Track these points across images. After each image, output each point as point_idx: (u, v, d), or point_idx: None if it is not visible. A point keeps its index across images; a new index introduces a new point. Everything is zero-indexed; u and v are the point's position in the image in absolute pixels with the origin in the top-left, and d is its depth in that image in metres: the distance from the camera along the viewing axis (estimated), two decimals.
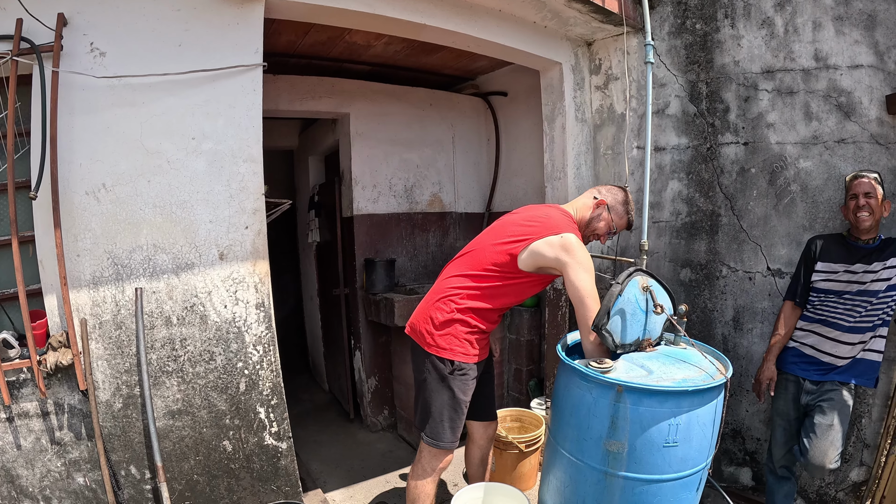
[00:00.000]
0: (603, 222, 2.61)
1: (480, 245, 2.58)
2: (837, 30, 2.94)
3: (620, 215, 2.63)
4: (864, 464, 2.93)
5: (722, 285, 3.38)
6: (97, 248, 2.24)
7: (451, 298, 2.50)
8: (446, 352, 2.47)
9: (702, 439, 2.07)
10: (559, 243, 2.34)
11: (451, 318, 2.47)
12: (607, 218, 2.61)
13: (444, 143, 4.97)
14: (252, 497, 2.65)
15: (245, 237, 2.53)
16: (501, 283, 2.47)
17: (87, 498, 2.29)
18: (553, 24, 3.55)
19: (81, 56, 2.16)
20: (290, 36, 3.59)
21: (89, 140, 2.20)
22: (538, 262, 2.39)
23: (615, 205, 2.62)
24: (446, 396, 2.49)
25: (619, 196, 2.64)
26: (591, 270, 2.32)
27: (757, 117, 3.20)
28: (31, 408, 2.18)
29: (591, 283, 2.28)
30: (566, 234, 2.37)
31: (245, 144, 2.50)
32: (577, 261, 2.29)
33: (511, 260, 2.42)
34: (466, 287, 2.49)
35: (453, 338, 2.47)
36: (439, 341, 2.48)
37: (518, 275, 2.45)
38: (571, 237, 2.35)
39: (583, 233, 2.61)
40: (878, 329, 2.59)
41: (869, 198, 2.52)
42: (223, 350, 2.52)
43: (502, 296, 2.50)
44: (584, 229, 2.61)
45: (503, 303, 2.53)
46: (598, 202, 2.61)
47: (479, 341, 2.54)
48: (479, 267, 2.50)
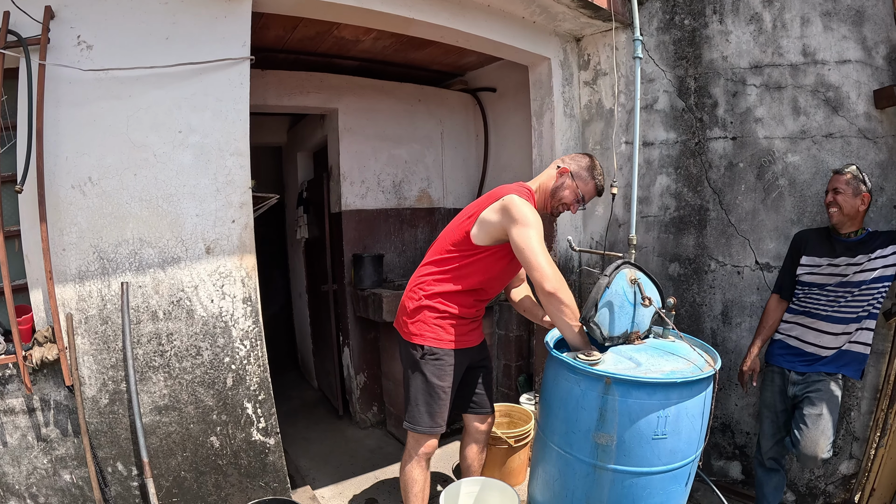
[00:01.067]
0: (568, 190, 2.54)
1: (446, 229, 2.62)
2: (825, 25, 2.95)
3: (586, 181, 2.55)
4: (853, 457, 2.96)
5: (710, 279, 3.39)
6: (83, 243, 2.23)
7: (419, 286, 2.54)
8: (416, 337, 2.50)
9: (691, 432, 2.08)
10: (499, 206, 2.33)
11: (420, 304, 2.51)
12: (572, 185, 2.53)
13: (432, 139, 4.97)
14: (240, 493, 2.64)
15: (232, 231, 2.52)
16: (462, 262, 2.47)
17: (73, 495, 2.27)
18: (542, 19, 3.55)
19: (68, 49, 2.15)
20: (279, 31, 3.57)
21: (76, 133, 2.18)
22: (489, 232, 2.38)
23: (579, 171, 2.55)
24: (420, 381, 2.52)
25: (583, 162, 2.57)
26: (537, 226, 2.26)
27: (745, 112, 3.22)
28: (16, 404, 2.16)
29: (537, 240, 2.22)
30: (510, 195, 2.34)
31: (232, 138, 2.49)
32: (518, 218, 2.25)
33: (466, 237, 2.44)
34: (431, 273, 2.54)
35: (423, 323, 2.50)
36: (411, 328, 2.53)
37: (476, 250, 2.44)
38: (513, 197, 2.32)
39: (550, 204, 2.58)
40: (865, 321, 2.61)
41: (837, 194, 2.57)
42: (210, 345, 2.51)
43: (468, 275, 2.48)
44: (550, 200, 2.57)
45: (471, 283, 2.49)
46: (561, 170, 2.55)
47: (456, 326, 2.53)
48: (440, 251, 2.54)
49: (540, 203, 2.58)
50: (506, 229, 2.29)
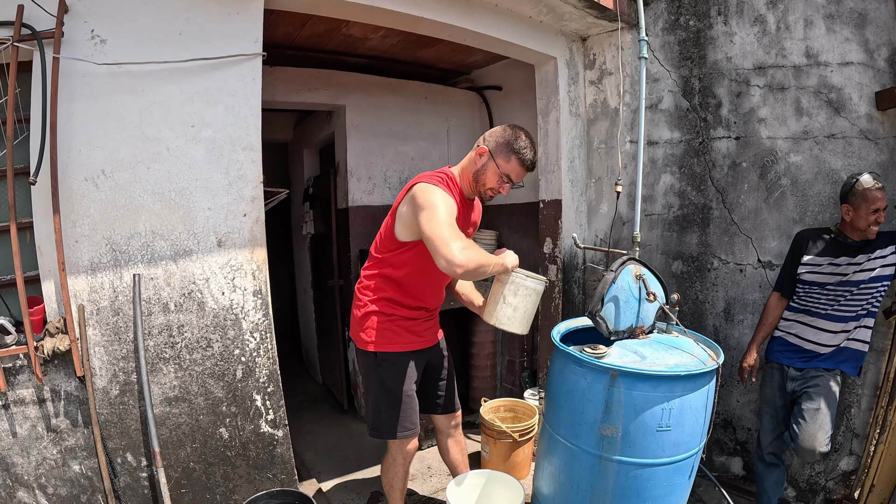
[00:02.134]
0: (490, 172, 2.29)
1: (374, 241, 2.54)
2: (828, 28, 2.98)
3: (507, 158, 2.27)
4: (853, 453, 2.99)
5: (713, 277, 3.42)
6: (95, 235, 2.24)
7: (362, 291, 2.51)
8: (370, 345, 2.45)
9: (694, 424, 2.11)
10: (409, 195, 2.21)
11: (367, 311, 2.46)
12: (492, 167, 2.28)
13: (438, 136, 4.99)
14: (248, 485, 2.66)
15: (243, 224, 2.55)
16: (392, 261, 2.39)
17: (82, 486, 2.29)
18: (548, 19, 3.58)
19: (82, 43, 2.16)
20: (288, 28, 3.59)
21: (89, 126, 2.20)
22: (406, 226, 2.26)
23: (497, 148, 2.28)
24: (379, 388, 2.48)
25: (502, 137, 2.29)
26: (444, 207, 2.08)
27: (748, 112, 3.25)
28: (27, 394, 2.17)
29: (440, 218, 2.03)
30: (417, 183, 2.21)
31: (244, 133, 2.51)
32: (421, 203, 2.10)
33: (390, 234, 2.36)
34: (369, 276, 2.49)
35: (372, 330, 2.45)
36: (363, 336, 2.48)
37: (402, 247, 2.34)
38: (421, 184, 2.18)
39: (477, 189, 2.38)
40: (863, 319, 2.64)
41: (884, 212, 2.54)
42: (220, 337, 2.53)
43: (401, 275, 2.39)
44: (475, 185, 2.37)
45: (406, 282, 2.41)
46: (479, 151, 2.31)
47: (407, 328, 2.48)
48: (374, 252, 2.49)
49: (466, 189, 2.41)
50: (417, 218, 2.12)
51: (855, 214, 2.57)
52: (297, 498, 2.59)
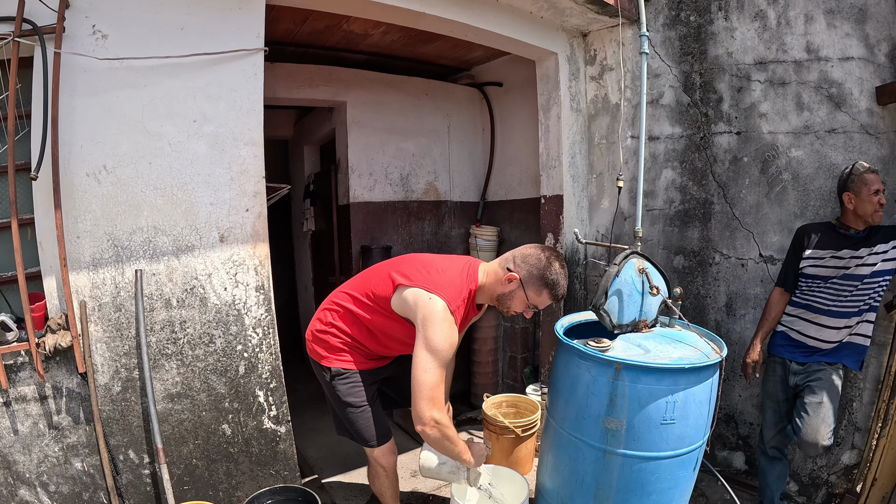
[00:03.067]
0: (517, 300, 2.20)
1: (375, 271, 2.42)
2: (829, 23, 2.98)
3: (538, 291, 2.16)
4: (855, 447, 2.99)
5: (715, 272, 3.42)
6: (97, 230, 2.24)
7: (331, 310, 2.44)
8: (324, 359, 2.42)
9: (698, 417, 2.11)
10: (424, 305, 2.07)
11: (326, 330, 2.41)
12: (521, 296, 2.18)
13: (439, 133, 4.99)
14: (251, 481, 2.66)
15: (245, 220, 2.54)
16: (371, 313, 2.30)
17: (84, 483, 2.29)
18: (549, 14, 3.57)
19: (83, 38, 2.16)
20: (289, 24, 3.59)
21: (90, 122, 2.20)
22: (403, 310, 2.18)
23: (530, 279, 2.15)
24: (336, 401, 2.45)
25: (537, 265, 2.15)
26: (441, 351, 2.03)
27: (749, 107, 3.24)
28: (28, 391, 2.17)
29: (433, 371, 2.02)
30: (437, 297, 2.07)
31: (246, 128, 2.51)
32: (430, 339, 2.02)
33: (387, 299, 2.23)
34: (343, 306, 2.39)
35: (329, 346, 2.41)
36: (318, 349, 2.44)
37: (394, 316, 2.24)
38: (438, 306, 2.05)
39: (499, 307, 2.30)
40: (865, 314, 2.65)
41: (883, 194, 2.56)
42: (223, 333, 2.53)
43: (372, 327, 2.33)
44: (498, 304, 2.29)
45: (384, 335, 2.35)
46: (509, 276, 2.17)
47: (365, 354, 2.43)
48: (362, 290, 2.35)
49: (484, 299, 2.33)
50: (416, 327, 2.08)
51: (857, 200, 2.59)
52: (300, 494, 2.59)
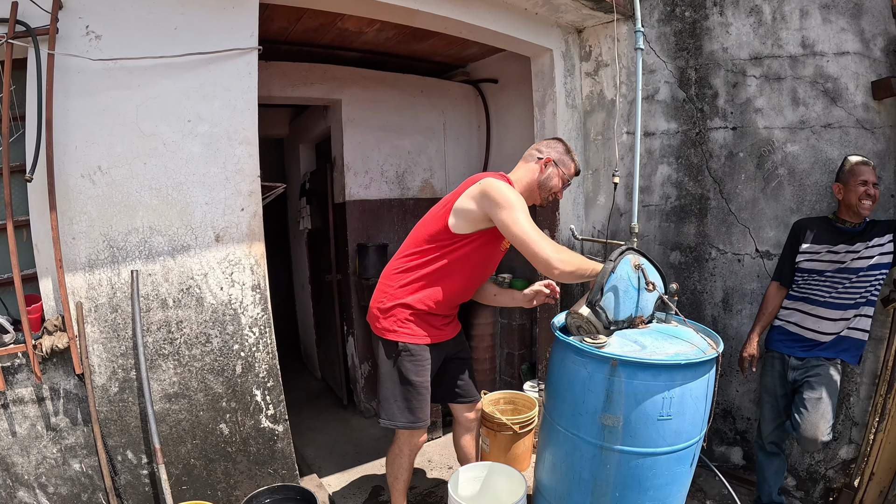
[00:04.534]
0: (556, 178, 2.55)
1: (420, 222, 2.57)
2: (824, 17, 2.99)
3: (567, 165, 2.58)
4: (852, 441, 3.00)
5: (711, 267, 3.43)
6: (93, 231, 2.23)
7: (394, 281, 2.51)
8: (391, 333, 2.47)
9: (695, 413, 2.11)
10: (478, 190, 2.30)
11: (395, 302, 2.47)
12: (558, 172, 2.55)
13: (435, 130, 4.98)
14: (249, 481, 2.66)
15: (241, 219, 2.54)
16: (440, 254, 2.42)
17: (83, 484, 2.28)
18: (544, 10, 3.57)
19: (77, 39, 2.14)
20: (283, 22, 3.58)
21: (85, 123, 2.19)
22: (469, 219, 2.35)
23: (560, 157, 2.56)
24: (396, 378, 2.50)
25: (559, 147, 2.59)
26: (522, 207, 2.26)
27: (745, 103, 3.25)
28: (26, 393, 2.16)
29: (529, 222, 2.22)
30: (486, 179, 2.33)
31: (241, 127, 2.50)
32: (501, 201, 2.23)
33: (444, 228, 2.39)
34: (407, 268, 2.48)
35: (396, 320, 2.47)
36: (384, 324, 2.50)
37: (456, 240, 2.39)
38: (491, 181, 2.31)
39: (539, 195, 2.57)
40: (862, 308, 2.65)
41: (875, 186, 2.57)
42: (219, 332, 2.53)
43: (448, 268, 2.44)
44: (539, 191, 2.56)
45: (453, 276, 2.46)
46: (546, 160, 2.54)
47: (430, 322, 2.52)
48: (418, 243, 2.48)
49: (523, 195, 2.49)
50: (488, 214, 2.27)
51: (845, 190, 2.62)
52: (298, 493, 2.60)
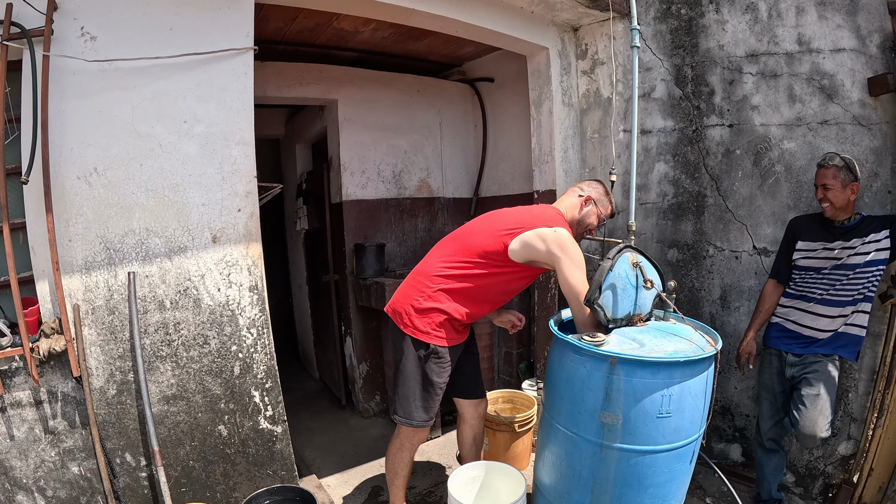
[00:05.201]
0: (593, 216, 2.69)
1: (472, 231, 2.60)
2: (820, 14, 2.99)
3: (605, 206, 2.73)
4: (851, 437, 3.00)
5: (709, 265, 3.43)
6: (89, 233, 2.23)
7: (437, 284, 2.52)
8: (423, 335, 2.50)
9: (694, 410, 2.11)
10: (553, 237, 2.36)
11: (434, 306, 2.50)
12: (596, 212, 2.69)
13: (431, 129, 4.97)
14: (248, 482, 2.66)
15: (238, 220, 2.53)
16: (489, 271, 2.49)
17: (82, 487, 2.28)
18: (540, 9, 3.57)
19: (72, 40, 2.14)
20: (278, 22, 3.57)
21: (80, 124, 2.18)
22: (530, 254, 2.42)
23: (600, 198, 2.71)
24: (420, 378, 2.54)
25: (599, 188, 2.74)
26: (583, 267, 2.37)
27: (741, 100, 3.25)
28: (23, 397, 2.16)
29: (583, 280, 2.34)
30: (559, 228, 2.41)
31: (237, 127, 2.50)
32: (570, 257, 2.33)
33: (503, 249, 2.44)
34: (454, 276, 2.52)
35: (431, 322, 2.50)
36: (417, 323, 2.51)
37: (507, 264, 2.47)
38: (564, 232, 2.39)
39: (576, 231, 2.66)
40: (860, 304, 2.65)
41: (826, 190, 2.60)
42: (217, 334, 2.53)
43: (489, 285, 2.53)
44: (577, 227, 2.67)
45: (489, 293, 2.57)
46: (586, 198, 2.69)
47: (457, 328, 2.57)
48: (468, 253, 2.52)
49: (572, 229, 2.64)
50: (552, 260, 2.36)
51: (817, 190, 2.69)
52: (297, 494, 2.59)
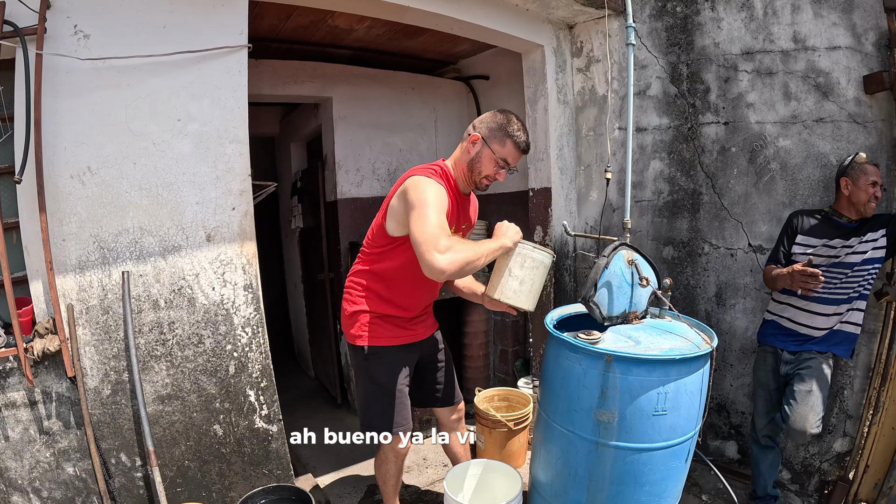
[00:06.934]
0: (485, 159, 2.24)
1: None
2: (816, 12, 2.99)
3: (502, 142, 2.23)
4: (847, 434, 3.02)
5: (704, 262, 3.44)
6: (83, 232, 2.22)
7: (352, 287, 2.47)
8: (357, 339, 2.42)
9: (690, 408, 2.12)
10: (401, 189, 2.16)
11: (356, 308, 2.43)
12: (488, 153, 2.23)
13: (426, 127, 4.96)
14: (244, 482, 2.65)
15: (232, 218, 2.52)
16: (379, 257, 2.36)
17: (77, 488, 2.27)
18: (535, 6, 3.56)
19: (65, 39, 2.13)
20: (272, 20, 3.56)
21: (74, 123, 2.17)
22: (399, 221, 2.21)
23: (490, 134, 2.23)
24: (367, 382, 2.46)
25: (494, 121, 2.25)
26: (435, 204, 2.05)
27: (737, 97, 3.25)
28: (18, 397, 2.15)
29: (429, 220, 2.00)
30: (416, 176, 2.15)
31: (231, 126, 2.49)
32: (413, 201, 2.06)
33: (380, 230, 2.30)
34: (361, 272, 2.44)
35: (360, 325, 2.41)
36: (351, 330, 2.45)
37: (392, 242, 2.29)
38: (413, 178, 2.14)
39: (472, 179, 2.32)
40: (855, 302, 2.66)
41: (883, 188, 2.59)
42: (212, 333, 2.52)
43: (387, 271, 2.35)
44: (470, 175, 2.31)
45: (393, 279, 2.37)
46: (472, 138, 2.26)
47: (395, 324, 2.44)
48: (366, 248, 2.42)
49: (461, 182, 2.35)
50: (408, 213, 2.10)
51: (854, 187, 2.60)
52: (293, 493, 2.58)
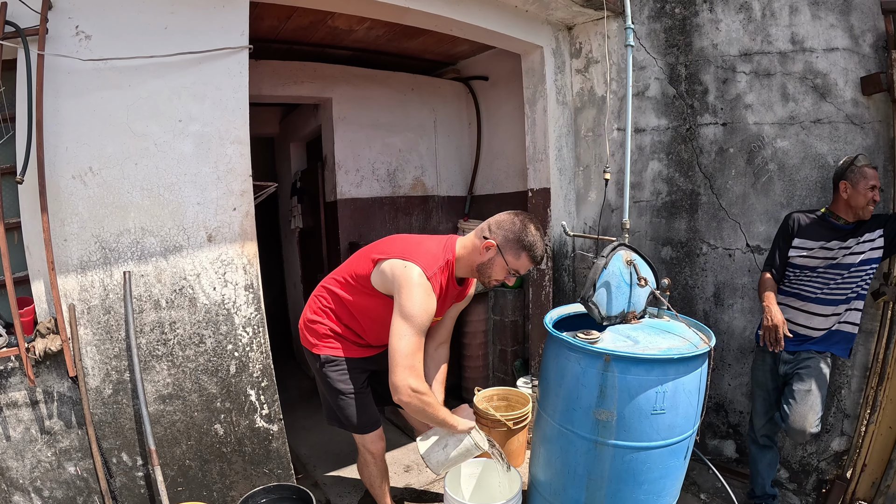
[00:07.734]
0: (496, 267, 2.21)
1: (359, 252, 2.46)
2: (813, 14, 3.00)
3: (516, 254, 2.17)
4: (844, 433, 3.03)
5: (702, 262, 3.45)
6: (84, 233, 2.23)
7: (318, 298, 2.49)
8: (315, 347, 2.45)
9: (688, 407, 2.13)
10: (400, 273, 2.10)
11: (316, 318, 2.46)
12: (500, 262, 2.19)
13: (426, 128, 4.98)
14: (245, 481, 2.66)
15: (233, 219, 2.53)
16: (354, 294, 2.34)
17: (78, 487, 2.28)
18: (534, 7, 3.57)
19: (67, 39, 2.14)
20: (273, 21, 3.57)
21: (75, 123, 2.18)
22: (383, 284, 2.21)
23: (506, 244, 2.16)
24: (326, 387, 2.48)
25: (512, 229, 2.17)
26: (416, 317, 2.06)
27: (735, 99, 3.27)
28: (19, 397, 2.16)
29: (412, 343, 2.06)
30: (413, 265, 2.10)
31: (232, 126, 2.50)
32: (405, 306, 2.06)
33: (367, 275, 2.26)
34: (329, 292, 2.45)
35: (318, 334, 2.45)
36: (308, 336, 2.48)
37: (371, 291, 2.27)
38: (414, 272, 2.08)
39: (479, 279, 2.31)
40: (853, 302, 2.67)
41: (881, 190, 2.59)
42: (213, 332, 2.53)
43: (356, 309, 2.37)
44: (478, 275, 2.29)
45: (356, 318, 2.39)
46: (486, 244, 2.18)
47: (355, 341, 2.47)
48: (347, 272, 2.39)
49: (464, 272, 2.32)
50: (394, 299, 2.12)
51: (853, 191, 2.59)
52: (294, 493, 2.59)
